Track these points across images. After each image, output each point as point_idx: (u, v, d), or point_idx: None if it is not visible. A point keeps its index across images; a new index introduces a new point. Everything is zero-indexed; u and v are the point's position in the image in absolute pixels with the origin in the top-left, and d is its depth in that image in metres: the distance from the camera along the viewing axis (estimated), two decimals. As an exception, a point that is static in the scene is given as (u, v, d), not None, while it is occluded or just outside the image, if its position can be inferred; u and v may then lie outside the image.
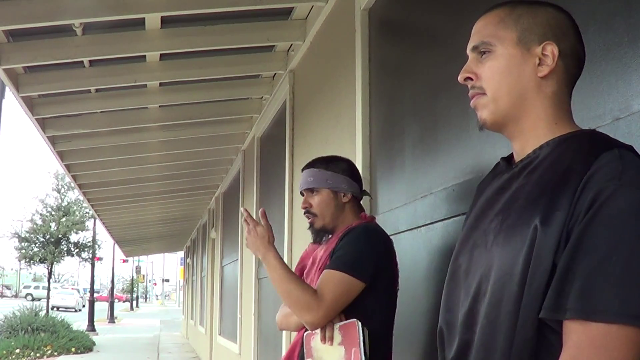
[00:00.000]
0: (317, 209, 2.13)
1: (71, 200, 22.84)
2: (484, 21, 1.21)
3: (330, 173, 2.15)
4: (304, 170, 2.20)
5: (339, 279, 1.91)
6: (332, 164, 2.18)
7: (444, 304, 1.25)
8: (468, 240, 1.21)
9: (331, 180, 2.14)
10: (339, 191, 2.14)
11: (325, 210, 2.12)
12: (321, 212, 2.12)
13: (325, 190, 2.13)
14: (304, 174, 2.19)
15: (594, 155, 1.02)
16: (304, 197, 2.18)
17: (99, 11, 3.45)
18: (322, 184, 2.13)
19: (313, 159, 2.26)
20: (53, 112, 4.97)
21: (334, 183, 2.14)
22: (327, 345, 1.90)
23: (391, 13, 2.80)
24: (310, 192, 2.15)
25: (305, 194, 2.17)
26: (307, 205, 2.15)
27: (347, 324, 1.88)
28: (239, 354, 6.62)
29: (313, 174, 2.16)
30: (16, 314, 14.92)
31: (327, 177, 2.14)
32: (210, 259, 11.24)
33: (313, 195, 2.14)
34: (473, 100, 1.20)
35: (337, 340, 1.89)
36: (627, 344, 0.92)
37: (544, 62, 1.14)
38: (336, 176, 2.15)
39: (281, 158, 4.57)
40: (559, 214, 1.01)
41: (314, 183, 2.14)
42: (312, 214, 2.14)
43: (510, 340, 1.04)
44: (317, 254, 2.16)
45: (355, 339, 1.84)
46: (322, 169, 2.16)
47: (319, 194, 2.13)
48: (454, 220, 2.04)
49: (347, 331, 1.87)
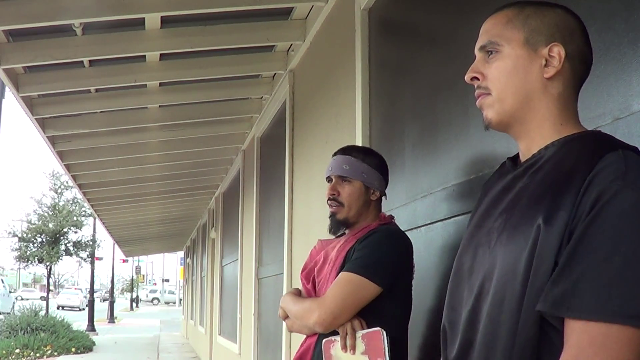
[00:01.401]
0: (345, 199, 2.01)
1: (68, 199, 22.85)
2: (492, 21, 1.22)
3: (367, 166, 2.04)
4: (338, 156, 2.08)
5: (349, 279, 1.86)
6: (368, 157, 2.08)
7: (448, 302, 1.25)
8: (472, 239, 1.22)
9: (366, 174, 2.03)
10: (370, 187, 2.04)
11: (353, 203, 2.02)
12: (349, 204, 2.01)
13: (358, 183, 2.02)
14: (338, 160, 2.06)
15: (598, 155, 1.03)
16: (332, 183, 2.05)
17: (99, 11, 3.45)
18: (357, 175, 2.02)
19: (348, 146, 2.16)
20: (53, 112, 4.97)
21: (368, 177, 2.03)
22: (349, 354, 1.82)
23: (391, 13, 2.80)
24: (340, 180, 2.03)
25: (335, 180, 2.04)
26: (335, 193, 2.03)
27: (370, 333, 1.81)
28: (239, 354, 6.62)
29: (349, 163, 2.03)
30: (16, 314, 14.92)
31: (363, 170, 2.03)
32: (210, 259, 11.24)
33: (343, 184, 2.03)
34: (479, 100, 1.21)
35: (359, 349, 1.81)
36: (628, 344, 0.93)
37: (550, 63, 1.15)
38: (371, 171, 2.04)
39: (281, 158, 4.57)
40: (562, 214, 1.02)
41: (349, 172, 2.02)
42: (339, 203, 2.02)
43: (512, 338, 1.04)
44: (328, 251, 2.08)
45: (380, 348, 1.78)
46: (359, 160, 2.04)
47: (351, 185, 2.02)
48: (454, 220, 2.04)
49: (371, 340, 1.80)
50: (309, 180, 3.88)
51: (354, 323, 1.85)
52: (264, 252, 5.56)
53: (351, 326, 1.84)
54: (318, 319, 1.85)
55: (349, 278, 1.86)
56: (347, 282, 1.86)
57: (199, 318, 13.35)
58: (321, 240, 2.19)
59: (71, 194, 22.69)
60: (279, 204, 4.63)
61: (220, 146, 6.86)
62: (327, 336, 1.89)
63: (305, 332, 2.01)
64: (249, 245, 6.08)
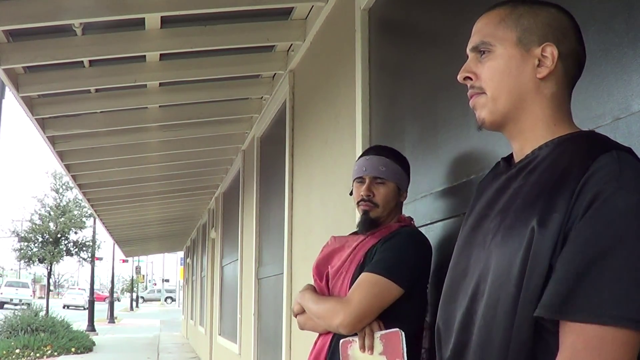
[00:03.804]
0: (381, 200, 2.02)
1: (69, 200, 22.86)
2: (484, 20, 1.21)
3: (400, 168, 2.07)
4: (373, 157, 2.07)
5: (374, 281, 1.84)
6: (400, 160, 2.09)
7: (442, 303, 1.25)
8: (468, 240, 1.22)
9: (399, 176, 2.05)
10: (401, 189, 2.07)
11: (387, 205, 2.02)
12: (383, 205, 2.02)
13: (392, 184, 2.04)
14: (374, 160, 2.05)
15: (592, 157, 1.02)
16: (367, 183, 2.03)
17: (99, 11, 3.45)
18: (392, 177, 2.04)
19: (380, 147, 2.17)
20: (53, 112, 4.97)
21: (401, 179, 2.06)
22: (366, 355, 1.81)
23: (391, 13, 2.80)
24: (374, 180, 2.03)
25: (369, 181, 2.03)
26: (370, 194, 2.02)
27: (389, 334, 1.80)
28: (239, 354, 6.62)
29: (386, 164, 2.04)
30: (16, 314, 14.92)
31: (397, 172, 2.05)
32: (210, 259, 11.24)
33: (378, 186, 2.03)
34: (472, 99, 1.20)
35: (377, 349, 1.80)
36: (623, 347, 0.92)
37: (543, 63, 1.14)
38: (402, 173, 2.07)
39: (281, 158, 4.57)
40: (556, 216, 1.01)
41: (385, 174, 2.03)
42: (374, 203, 2.01)
43: (507, 341, 1.04)
44: (344, 249, 2.06)
45: (398, 349, 1.77)
46: (394, 162, 2.06)
47: (386, 186, 2.03)
48: (454, 220, 2.04)
49: (389, 341, 1.80)
50: (309, 180, 3.88)
51: (372, 324, 1.84)
52: (264, 252, 5.56)
53: (369, 327, 1.83)
54: (343, 321, 1.84)
55: (374, 280, 1.85)
56: (373, 284, 1.84)
57: (199, 318, 13.35)
58: (335, 237, 2.17)
59: (72, 194, 22.70)
60: (279, 204, 4.63)
61: (220, 146, 6.86)
62: (344, 336, 1.88)
63: (320, 330, 2.00)
64: (249, 245, 6.07)
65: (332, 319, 1.87)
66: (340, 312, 1.84)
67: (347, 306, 1.84)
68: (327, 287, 2.05)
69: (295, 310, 2.07)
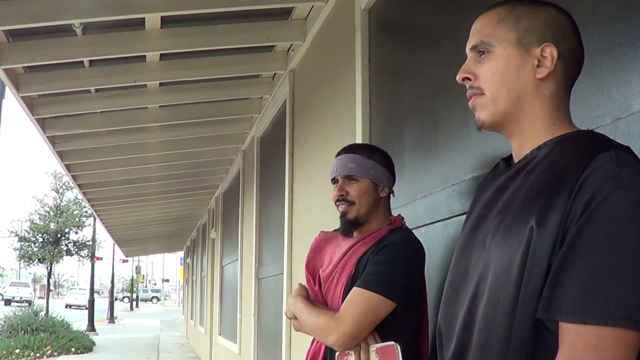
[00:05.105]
0: (355, 197, 1.96)
1: (69, 200, 22.86)
2: (483, 20, 1.21)
3: (374, 163, 2.00)
4: (342, 155, 2.04)
5: (366, 297, 1.81)
6: (375, 154, 2.04)
7: (443, 304, 1.25)
8: (468, 241, 1.22)
9: (373, 171, 1.99)
10: (379, 184, 1.99)
11: (364, 201, 1.96)
12: (359, 202, 1.96)
13: (366, 180, 1.97)
14: (343, 159, 2.02)
15: (590, 156, 1.02)
16: (339, 183, 2.00)
17: (98, 11, 3.45)
18: (365, 173, 1.97)
19: (352, 145, 2.13)
20: (53, 112, 4.97)
21: (376, 174, 1.99)
22: None
23: (391, 13, 2.80)
24: (347, 180, 1.99)
25: (342, 180, 1.99)
26: (343, 193, 1.97)
27: (384, 347, 1.79)
28: (239, 354, 6.62)
29: (355, 161, 1.99)
30: (16, 314, 14.92)
31: (370, 167, 1.98)
32: (210, 259, 11.24)
33: (351, 183, 1.98)
34: (471, 100, 1.20)
35: None
36: (622, 347, 0.92)
37: (542, 63, 1.14)
38: (378, 167, 2.00)
39: (281, 158, 4.57)
40: (554, 216, 1.01)
41: (355, 170, 1.97)
42: (349, 202, 1.97)
43: (506, 341, 1.04)
44: (334, 252, 2.03)
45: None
46: (365, 157, 2.00)
47: (359, 183, 1.97)
48: (454, 220, 2.03)
49: (385, 354, 1.79)
50: (309, 180, 3.88)
51: (368, 338, 1.82)
52: (264, 252, 5.56)
53: (365, 341, 1.82)
54: (336, 340, 1.81)
55: (366, 297, 1.81)
56: (365, 301, 1.81)
57: (199, 318, 13.35)
58: (323, 232, 2.14)
59: (72, 194, 22.70)
60: (279, 204, 4.63)
61: (220, 146, 6.86)
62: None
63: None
64: (249, 245, 6.07)
65: (325, 337, 1.85)
66: (334, 331, 1.81)
67: (339, 324, 1.81)
68: (321, 291, 2.02)
69: (289, 315, 2.04)
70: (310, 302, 1.99)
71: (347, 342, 1.81)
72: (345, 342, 1.81)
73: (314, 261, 2.09)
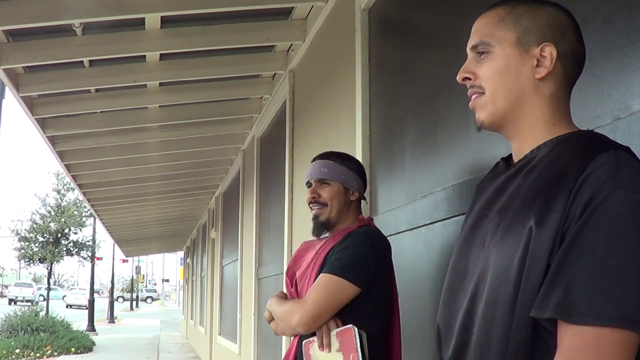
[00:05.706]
0: (327, 199, 2.11)
1: (70, 200, 22.86)
2: (483, 20, 1.21)
3: (345, 168, 2.15)
4: (317, 161, 2.20)
5: (328, 281, 1.92)
6: (346, 160, 2.20)
7: (443, 304, 1.25)
8: (467, 240, 1.22)
9: (344, 176, 2.14)
10: (349, 188, 2.14)
11: (335, 203, 2.11)
12: (331, 204, 2.11)
13: (337, 184, 2.13)
14: (317, 165, 2.18)
15: (590, 156, 1.02)
16: (312, 187, 2.15)
17: (98, 11, 3.45)
18: (336, 177, 2.13)
19: (326, 152, 2.26)
20: (53, 112, 4.97)
21: (347, 179, 2.14)
22: (325, 353, 1.90)
23: (391, 13, 2.80)
24: (320, 183, 2.14)
25: (315, 184, 2.15)
26: (315, 196, 2.13)
27: (343, 330, 1.89)
28: (239, 354, 6.62)
29: (327, 166, 2.15)
30: (16, 314, 14.93)
31: (341, 172, 2.14)
32: (210, 259, 11.24)
33: (323, 187, 2.13)
34: (472, 100, 1.20)
35: (334, 347, 1.89)
36: (620, 347, 0.92)
37: (542, 63, 1.14)
38: (349, 173, 2.15)
39: (281, 158, 4.57)
40: (554, 216, 1.01)
41: (327, 175, 2.13)
42: (321, 204, 2.12)
43: (505, 340, 1.04)
44: (309, 254, 2.15)
45: (352, 344, 1.85)
46: (337, 163, 2.16)
47: (330, 187, 2.13)
48: (454, 220, 2.03)
49: (344, 337, 1.88)
50: (309, 180, 3.87)
51: (329, 322, 1.92)
52: (264, 252, 5.56)
53: (326, 326, 1.91)
54: (299, 320, 1.92)
55: (328, 280, 1.92)
56: (327, 284, 1.92)
57: (199, 318, 13.35)
58: (305, 242, 2.25)
59: (74, 195, 22.70)
60: (279, 204, 4.63)
61: (220, 146, 6.86)
62: (307, 337, 1.96)
63: (289, 333, 2.07)
64: (249, 245, 6.08)
65: (290, 319, 1.95)
66: (297, 312, 1.92)
67: (303, 306, 1.92)
68: (297, 292, 2.13)
69: (267, 317, 2.14)
70: (284, 298, 2.11)
71: (309, 322, 1.91)
72: (308, 322, 1.91)
73: (293, 267, 2.21)
